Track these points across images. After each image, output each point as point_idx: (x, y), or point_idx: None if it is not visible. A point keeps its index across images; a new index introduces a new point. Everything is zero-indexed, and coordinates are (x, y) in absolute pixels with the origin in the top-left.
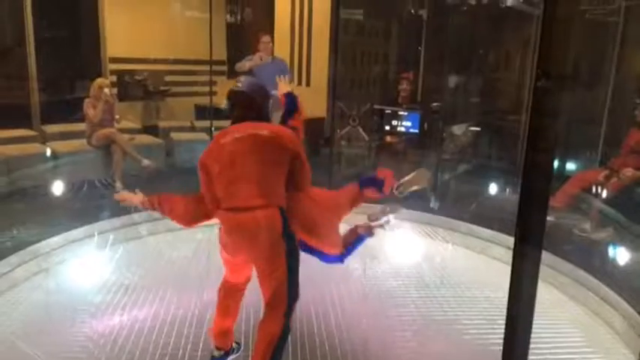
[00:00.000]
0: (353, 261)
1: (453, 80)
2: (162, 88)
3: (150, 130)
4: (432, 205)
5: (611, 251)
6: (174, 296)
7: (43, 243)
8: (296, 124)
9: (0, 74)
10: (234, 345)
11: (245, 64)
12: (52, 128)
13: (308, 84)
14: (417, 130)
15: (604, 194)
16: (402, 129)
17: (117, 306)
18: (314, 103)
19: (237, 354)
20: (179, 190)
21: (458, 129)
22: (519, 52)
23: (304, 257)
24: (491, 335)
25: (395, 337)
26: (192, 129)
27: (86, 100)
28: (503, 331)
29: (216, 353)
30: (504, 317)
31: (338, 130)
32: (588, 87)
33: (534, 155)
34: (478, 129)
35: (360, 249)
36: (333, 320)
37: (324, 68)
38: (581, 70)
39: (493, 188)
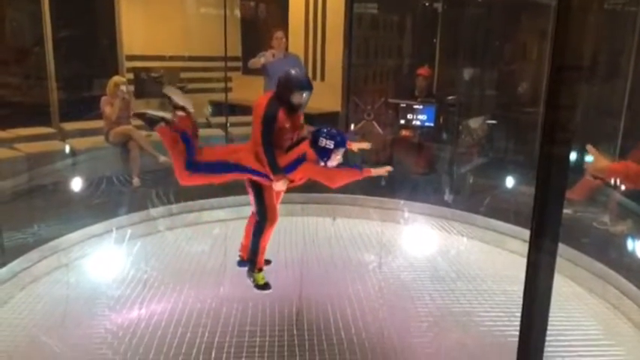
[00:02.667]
0: (369, 255)
1: (468, 73)
2: (177, 85)
3: None
4: (446, 198)
5: (630, 244)
6: (192, 290)
7: (63, 238)
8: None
9: (20, 73)
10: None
11: (258, 61)
12: (70, 126)
13: (323, 79)
14: (432, 124)
15: (623, 187)
16: (418, 122)
17: (135, 300)
18: (328, 97)
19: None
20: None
21: (474, 122)
22: (536, 44)
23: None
24: (509, 327)
25: (411, 328)
26: (208, 125)
27: (103, 98)
28: None
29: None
30: None
31: (352, 125)
32: (607, 79)
33: (550, 148)
34: (494, 122)
35: (377, 244)
36: (350, 313)
37: (338, 63)
38: (599, 61)
39: (510, 181)
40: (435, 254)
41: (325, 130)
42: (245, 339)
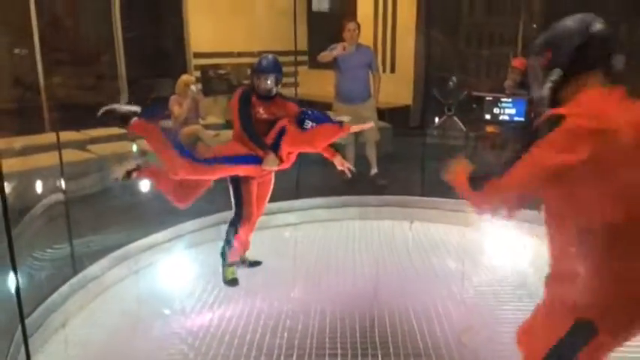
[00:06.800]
0: (451, 262)
1: None
2: (244, 82)
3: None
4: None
5: None
6: (265, 296)
7: (132, 245)
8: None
9: (93, 74)
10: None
11: (330, 54)
12: None
13: (393, 70)
14: (522, 118)
15: None
16: (506, 117)
17: (209, 307)
18: (399, 90)
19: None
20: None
21: None
22: None
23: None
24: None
25: (507, 347)
26: None
27: (172, 97)
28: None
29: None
30: None
31: (436, 120)
32: None
33: None
34: None
35: (460, 250)
36: (438, 329)
37: (410, 53)
38: None
39: None
40: (524, 263)
41: (310, 112)
42: (326, 350)
